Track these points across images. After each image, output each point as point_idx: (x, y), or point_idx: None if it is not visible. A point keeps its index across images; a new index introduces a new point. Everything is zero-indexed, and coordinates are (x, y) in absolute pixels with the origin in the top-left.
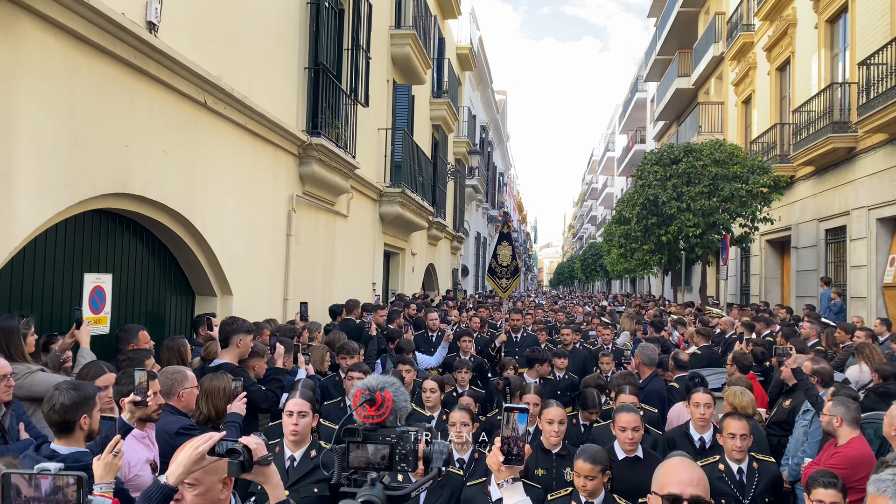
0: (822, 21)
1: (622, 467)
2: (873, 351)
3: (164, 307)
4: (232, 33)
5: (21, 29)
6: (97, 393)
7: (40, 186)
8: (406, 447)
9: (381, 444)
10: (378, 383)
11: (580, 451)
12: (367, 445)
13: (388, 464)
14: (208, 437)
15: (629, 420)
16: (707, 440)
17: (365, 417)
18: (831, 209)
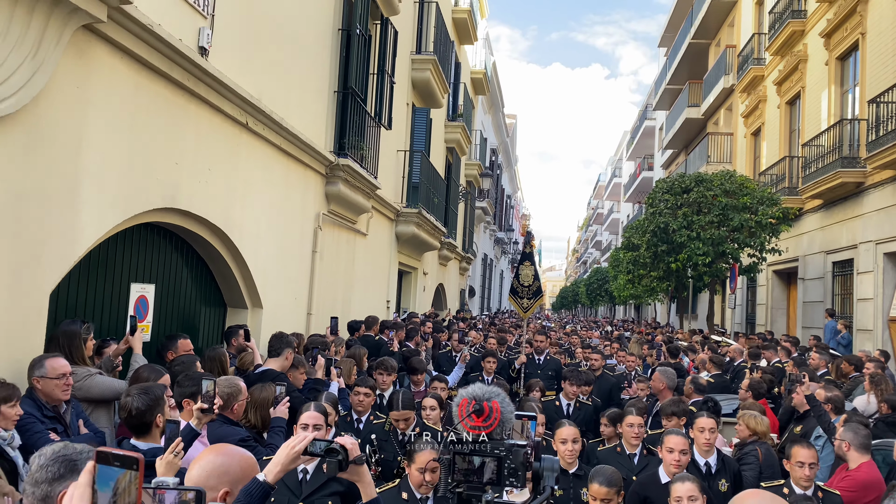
0: (833, 58)
1: (664, 490)
2: (886, 382)
3: (198, 318)
4: (272, 57)
5: (94, 53)
6: (165, 392)
7: (102, 200)
8: (516, 462)
9: (489, 456)
10: (485, 393)
11: (594, 474)
12: (474, 458)
13: (497, 478)
14: (303, 438)
15: (678, 442)
16: (713, 464)
17: (472, 428)
18: (839, 242)
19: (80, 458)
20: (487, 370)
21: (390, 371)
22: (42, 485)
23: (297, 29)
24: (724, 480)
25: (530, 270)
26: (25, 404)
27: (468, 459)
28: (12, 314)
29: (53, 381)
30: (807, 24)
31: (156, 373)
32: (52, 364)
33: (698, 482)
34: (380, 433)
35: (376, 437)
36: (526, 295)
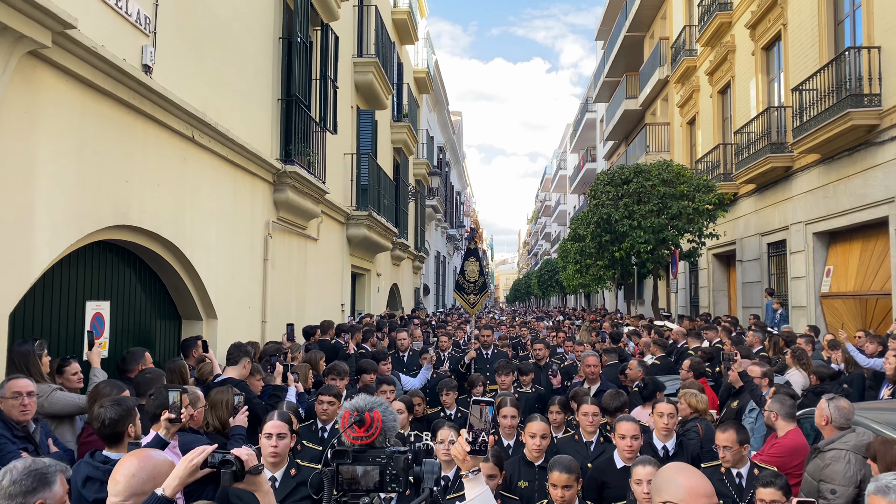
0: (759, 48)
1: (621, 475)
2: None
3: (153, 331)
4: (215, 69)
5: (39, 78)
6: (136, 404)
7: (55, 222)
8: (397, 468)
9: (371, 465)
10: (367, 404)
11: (554, 463)
12: (357, 467)
13: (379, 485)
14: (201, 451)
15: (629, 429)
16: (670, 448)
17: (354, 439)
18: (772, 224)
19: (49, 471)
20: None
21: (342, 375)
22: (17, 497)
23: (239, 40)
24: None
25: (475, 266)
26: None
27: (351, 469)
28: None
29: (10, 402)
30: (733, 15)
31: (117, 388)
32: (9, 385)
33: (658, 465)
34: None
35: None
36: (472, 291)
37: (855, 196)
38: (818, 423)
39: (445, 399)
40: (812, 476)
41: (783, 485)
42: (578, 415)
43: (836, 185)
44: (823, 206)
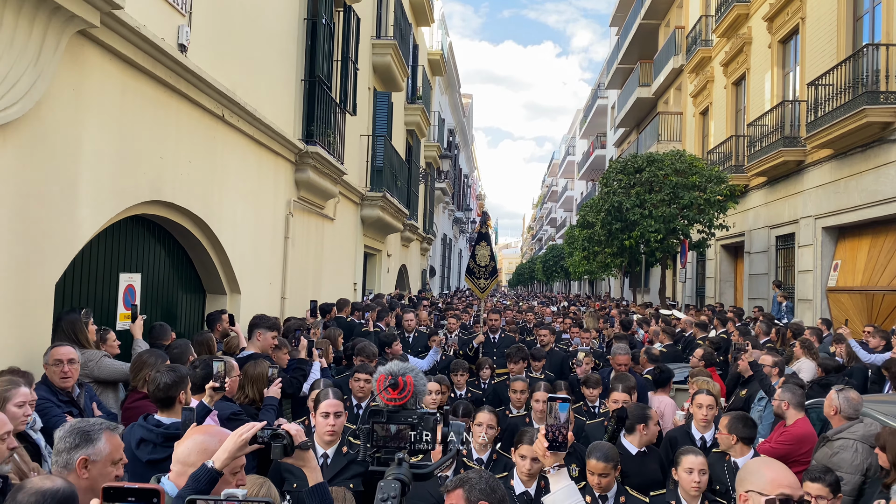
0: (776, 41)
1: (635, 461)
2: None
3: (179, 304)
4: (244, 50)
5: (87, 58)
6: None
7: (97, 196)
8: (427, 427)
9: (403, 424)
10: (399, 369)
11: (592, 450)
12: (391, 425)
13: (410, 442)
14: (251, 427)
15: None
16: (708, 439)
17: (388, 400)
18: (781, 217)
19: (93, 429)
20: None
21: (371, 357)
22: (63, 454)
23: (266, 20)
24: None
25: (486, 251)
26: (41, 390)
27: (386, 427)
28: (22, 305)
29: (52, 368)
30: (751, 7)
31: (160, 357)
32: (52, 352)
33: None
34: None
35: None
36: (482, 275)
37: (866, 192)
38: (827, 413)
39: (458, 380)
40: (820, 463)
41: (832, 482)
42: (609, 402)
43: (848, 180)
44: (834, 201)
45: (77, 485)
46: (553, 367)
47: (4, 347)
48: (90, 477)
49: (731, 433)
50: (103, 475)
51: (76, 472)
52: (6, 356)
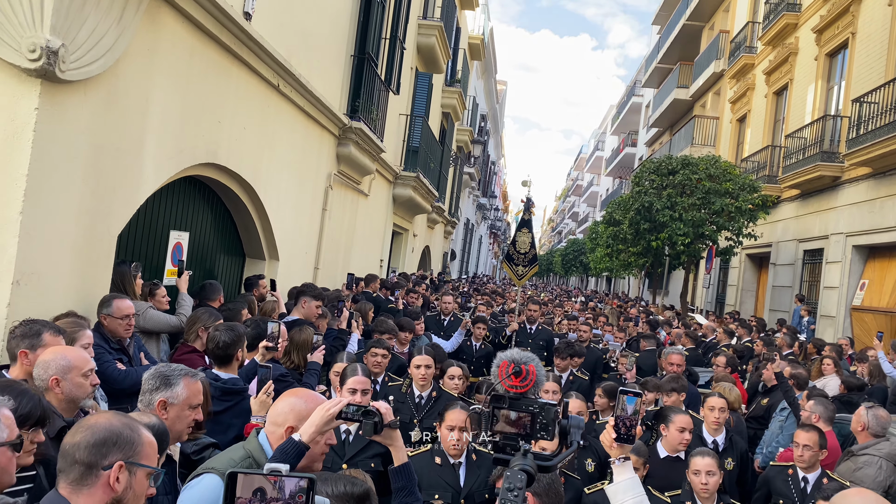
0: (823, 54)
1: (663, 465)
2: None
3: (220, 265)
4: (302, 22)
5: (162, 19)
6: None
7: (160, 154)
8: (547, 418)
9: (523, 412)
10: (522, 358)
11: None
12: (511, 412)
13: (530, 431)
14: (339, 401)
15: (686, 421)
16: (720, 443)
17: (510, 387)
18: (811, 232)
19: (172, 374)
20: (476, 336)
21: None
22: (146, 394)
23: None
24: (731, 459)
25: (528, 238)
26: (95, 337)
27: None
28: (88, 254)
29: (118, 321)
30: (800, 17)
31: (214, 316)
32: (118, 304)
33: (716, 458)
34: (397, 395)
35: (393, 399)
36: (522, 262)
37: None
38: (854, 429)
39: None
40: (842, 477)
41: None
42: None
43: (884, 200)
44: (868, 220)
45: None
46: (588, 366)
47: (68, 291)
48: (168, 418)
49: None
50: (181, 418)
51: (156, 413)
52: (69, 299)
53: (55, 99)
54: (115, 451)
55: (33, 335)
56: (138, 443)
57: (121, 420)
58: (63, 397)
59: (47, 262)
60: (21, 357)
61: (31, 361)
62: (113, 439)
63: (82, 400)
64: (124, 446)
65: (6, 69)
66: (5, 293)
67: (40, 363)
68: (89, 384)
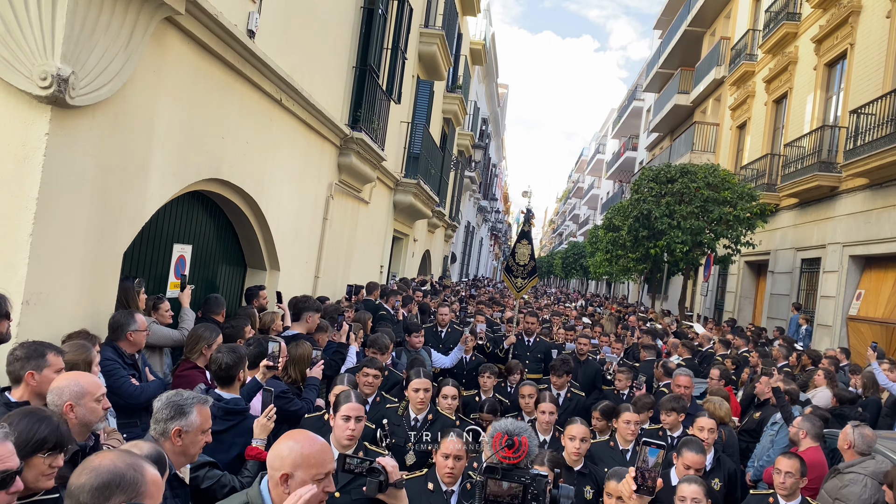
0: (822, 63)
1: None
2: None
3: (221, 276)
4: (304, 36)
5: (168, 41)
6: (247, 352)
7: (165, 171)
8: (538, 488)
9: (516, 483)
10: (515, 429)
11: (612, 474)
12: (503, 483)
13: (521, 501)
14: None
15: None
16: (707, 463)
17: (503, 458)
18: (809, 241)
19: (186, 402)
20: (467, 349)
21: (384, 350)
22: (160, 423)
23: (326, 7)
24: (718, 479)
25: (527, 249)
26: (108, 352)
27: (499, 484)
28: (95, 272)
29: (143, 333)
30: (800, 27)
31: (215, 332)
32: (139, 319)
33: (703, 485)
34: (393, 417)
35: (388, 422)
36: (521, 274)
37: None
38: (840, 447)
39: (486, 382)
40: (829, 493)
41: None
42: (619, 421)
43: (881, 211)
44: (864, 231)
45: (171, 450)
46: (586, 379)
47: (76, 309)
48: (182, 444)
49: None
50: (194, 443)
51: (171, 440)
52: (77, 318)
53: (64, 124)
54: (119, 494)
55: (38, 356)
56: (141, 483)
57: (125, 461)
58: (77, 422)
59: (56, 281)
60: (28, 378)
61: (38, 382)
62: (116, 482)
63: (95, 424)
64: (127, 488)
65: (18, 96)
66: (16, 313)
67: (54, 389)
68: (101, 408)
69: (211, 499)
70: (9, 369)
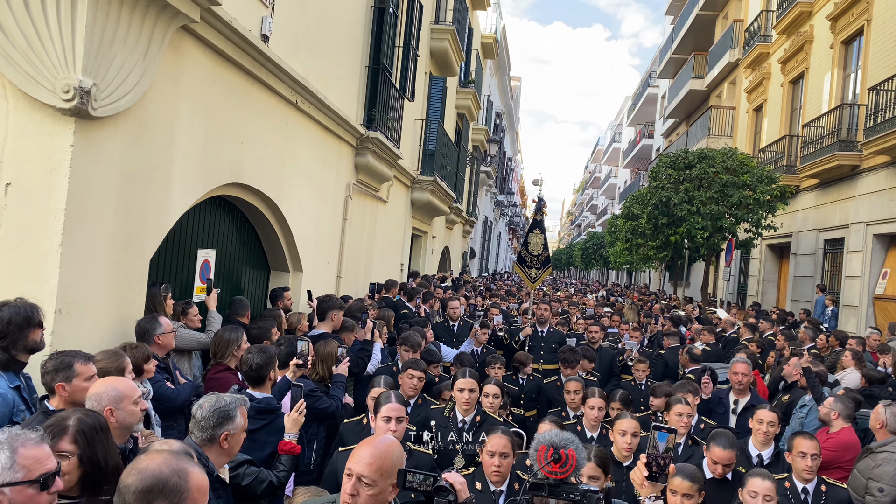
0: (838, 41)
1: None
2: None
3: (245, 279)
4: (317, 38)
5: (185, 49)
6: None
7: (187, 178)
8: None
9: (564, 500)
10: (562, 441)
11: (678, 469)
12: (550, 500)
13: None
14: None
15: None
16: (766, 457)
17: (549, 473)
18: (831, 221)
19: (230, 407)
20: (479, 341)
21: (416, 347)
22: (207, 430)
23: (337, 8)
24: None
25: (540, 239)
26: None
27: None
28: (123, 279)
29: (170, 335)
30: (814, 5)
31: (239, 333)
32: (164, 322)
33: (775, 483)
34: (439, 419)
35: (435, 424)
36: (534, 265)
37: None
38: (873, 426)
39: (495, 373)
40: (861, 473)
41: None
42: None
43: None
44: (888, 209)
45: (217, 453)
46: (603, 367)
47: (106, 316)
48: (229, 446)
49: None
50: (237, 443)
51: (219, 444)
52: (107, 324)
53: (88, 135)
54: (161, 499)
55: (66, 368)
56: (184, 490)
57: (171, 466)
58: (117, 425)
59: (86, 290)
60: (59, 390)
61: (69, 393)
62: (159, 487)
63: (134, 426)
64: (170, 494)
65: (42, 109)
66: (49, 322)
67: (93, 396)
68: (139, 410)
69: (250, 495)
70: (43, 381)
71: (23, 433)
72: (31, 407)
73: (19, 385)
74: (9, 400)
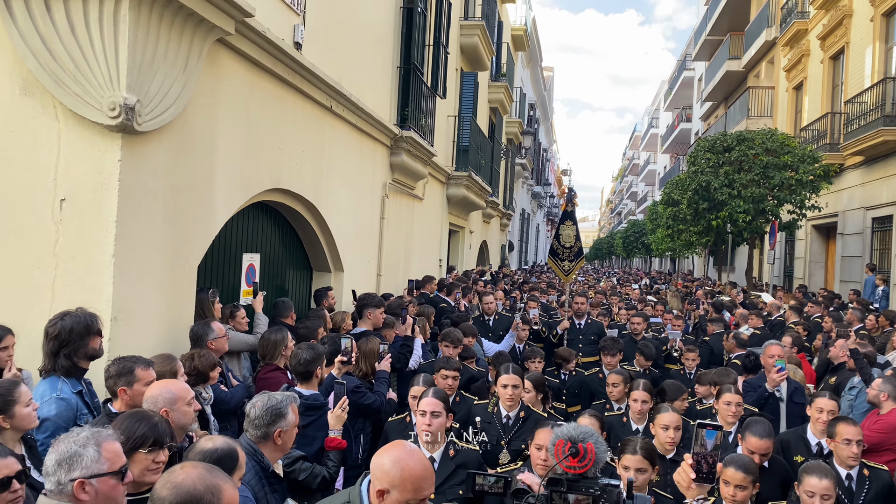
0: (878, 14)
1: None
2: None
3: (289, 281)
4: (348, 42)
5: (221, 61)
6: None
7: (229, 185)
8: (609, 500)
9: (583, 495)
10: (579, 435)
11: (730, 460)
12: (569, 495)
13: None
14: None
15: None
16: (825, 446)
17: (567, 468)
18: (879, 199)
19: (282, 405)
20: (520, 337)
21: (457, 344)
22: (261, 428)
23: (367, 11)
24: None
25: (572, 230)
26: None
27: (564, 497)
28: (172, 286)
29: (223, 340)
30: None
31: (284, 332)
32: (216, 326)
33: (834, 480)
34: (483, 415)
35: (480, 420)
36: (567, 257)
37: None
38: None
39: (536, 368)
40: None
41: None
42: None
43: None
44: None
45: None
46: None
47: (158, 322)
48: (282, 442)
49: None
50: (290, 438)
51: (273, 441)
52: (160, 330)
53: (135, 150)
54: None
55: (127, 372)
56: None
57: (205, 482)
58: (173, 425)
59: (138, 298)
60: (121, 394)
61: (130, 396)
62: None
63: (189, 425)
64: None
65: (91, 127)
66: (105, 330)
67: (149, 398)
68: (192, 410)
69: (305, 489)
70: (106, 385)
71: (101, 430)
72: (93, 410)
73: (81, 390)
74: (73, 404)
